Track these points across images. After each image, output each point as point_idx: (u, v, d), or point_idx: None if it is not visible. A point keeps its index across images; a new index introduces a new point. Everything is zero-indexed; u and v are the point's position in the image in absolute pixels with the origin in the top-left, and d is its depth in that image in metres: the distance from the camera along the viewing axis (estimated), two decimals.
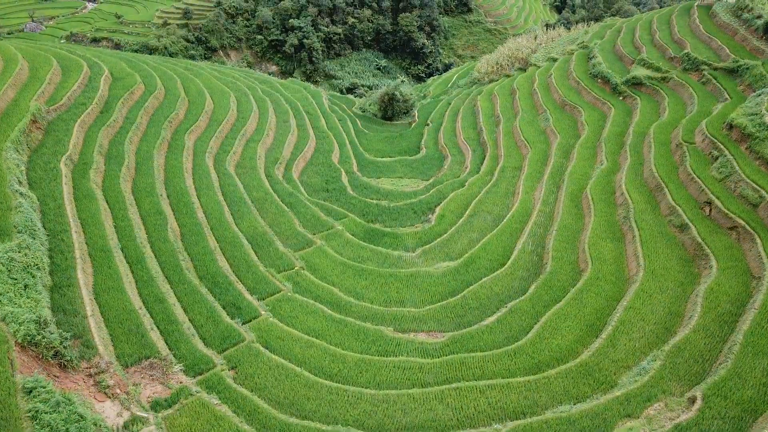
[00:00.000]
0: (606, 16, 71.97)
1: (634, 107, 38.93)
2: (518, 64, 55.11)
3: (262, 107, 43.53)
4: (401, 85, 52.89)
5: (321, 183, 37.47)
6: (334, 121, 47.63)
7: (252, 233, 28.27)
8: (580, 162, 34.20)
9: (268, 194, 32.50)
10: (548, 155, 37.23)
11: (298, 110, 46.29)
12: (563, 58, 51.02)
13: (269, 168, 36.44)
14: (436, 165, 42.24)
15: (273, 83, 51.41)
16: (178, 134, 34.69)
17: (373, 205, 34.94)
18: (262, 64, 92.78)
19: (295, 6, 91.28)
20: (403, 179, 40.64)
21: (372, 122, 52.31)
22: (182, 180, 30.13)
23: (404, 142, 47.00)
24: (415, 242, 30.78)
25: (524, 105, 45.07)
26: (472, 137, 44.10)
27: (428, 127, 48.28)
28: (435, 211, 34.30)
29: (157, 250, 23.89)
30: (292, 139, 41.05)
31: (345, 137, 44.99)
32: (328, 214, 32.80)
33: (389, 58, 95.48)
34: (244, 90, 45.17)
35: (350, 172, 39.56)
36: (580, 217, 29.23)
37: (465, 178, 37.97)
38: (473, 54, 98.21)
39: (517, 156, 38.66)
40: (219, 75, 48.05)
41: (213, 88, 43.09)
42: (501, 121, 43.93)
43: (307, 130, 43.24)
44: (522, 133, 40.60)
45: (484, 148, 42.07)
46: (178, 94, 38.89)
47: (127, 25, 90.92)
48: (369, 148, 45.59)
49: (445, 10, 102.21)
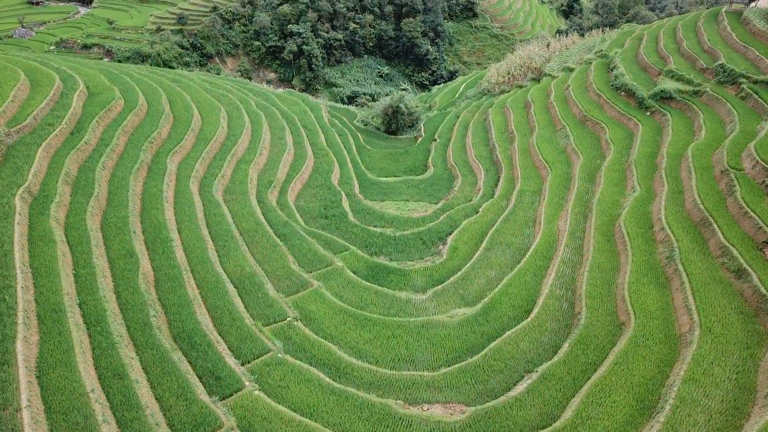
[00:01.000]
0: (621, 23, 68.42)
1: (665, 124, 35.29)
2: (531, 73, 51.54)
3: (255, 123, 39.96)
4: (406, 96, 49.31)
5: (319, 208, 33.87)
6: (333, 136, 44.05)
7: (239, 275, 24.66)
8: (608, 187, 30.56)
9: (259, 225, 28.90)
10: (571, 178, 33.60)
11: (295, 125, 42.73)
12: (580, 67, 47.44)
13: (262, 192, 32.85)
14: (445, 186, 38.63)
15: (268, 95, 47.87)
16: (160, 156, 31.11)
17: (376, 234, 31.34)
18: (259, 71, 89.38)
19: (294, 11, 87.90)
20: (409, 202, 37.03)
21: (375, 137, 48.73)
22: (161, 211, 26.52)
23: (410, 160, 43.41)
24: (425, 281, 27.16)
25: (540, 120, 41.47)
26: (484, 155, 40.49)
27: (435, 143, 44.70)
28: (446, 241, 30.71)
29: (124, 303, 20.25)
30: (287, 159, 37.46)
31: (346, 155, 41.41)
32: (326, 246, 29.21)
33: (392, 65, 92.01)
34: (236, 104, 41.61)
35: (351, 195, 35.97)
36: (614, 254, 25.56)
37: (478, 202, 34.36)
38: (479, 60, 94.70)
39: (535, 178, 35.03)
40: (210, 87, 44.52)
41: (202, 103, 39.52)
42: (516, 138, 40.32)
43: (305, 147, 39.66)
44: (540, 152, 37.00)
45: (497, 167, 38.47)
46: (162, 110, 35.31)
47: (120, 31, 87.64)
48: (372, 167, 42.01)
49: (450, 15, 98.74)
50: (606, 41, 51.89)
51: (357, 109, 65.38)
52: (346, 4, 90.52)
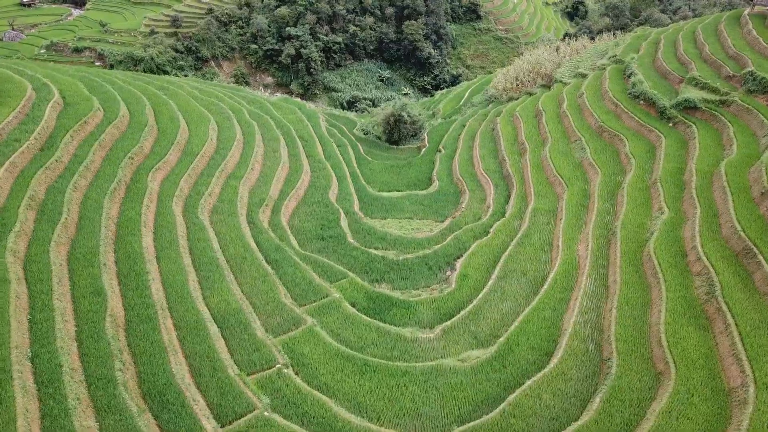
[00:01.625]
0: (633, 26, 65.77)
1: (690, 137, 32.55)
2: (541, 79, 48.84)
3: (247, 134, 37.24)
4: (408, 104, 46.63)
5: (315, 228, 31.15)
6: (332, 147, 41.34)
7: (223, 311, 21.94)
8: (632, 208, 27.81)
9: (248, 250, 26.18)
10: (589, 196, 30.87)
11: (291, 136, 40.01)
12: (594, 74, 44.72)
13: (252, 212, 30.13)
14: (451, 202, 35.90)
15: (263, 103, 45.17)
16: (141, 174, 28.39)
17: (377, 258, 28.62)
18: (257, 75, 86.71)
19: (293, 13, 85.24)
20: (413, 220, 34.31)
21: (376, 147, 46.03)
22: (138, 238, 23.79)
23: (413, 173, 40.68)
24: (432, 314, 24.44)
25: (553, 130, 38.73)
26: (493, 168, 37.75)
27: (440, 154, 41.97)
28: (455, 267, 28.01)
29: (86, 353, 17.52)
30: (282, 173, 34.75)
31: (345, 168, 38.69)
32: (322, 273, 26.50)
33: (393, 69, 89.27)
34: (227, 113, 38.89)
35: (351, 213, 33.26)
36: (644, 288, 22.80)
37: (488, 222, 31.63)
38: (483, 64, 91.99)
39: (550, 196, 32.29)
40: (200, 95, 41.81)
41: (190, 113, 36.81)
42: (527, 150, 37.59)
43: (301, 160, 36.94)
44: (554, 166, 34.25)
45: (508, 182, 35.74)
46: (145, 121, 32.60)
47: (112, 34, 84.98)
48: (372, 180, 39.28)
49: (453, 17, 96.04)
50: (619, 45, 49.16)
51: (356, 116, 62.74)
52: (346, 6, 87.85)
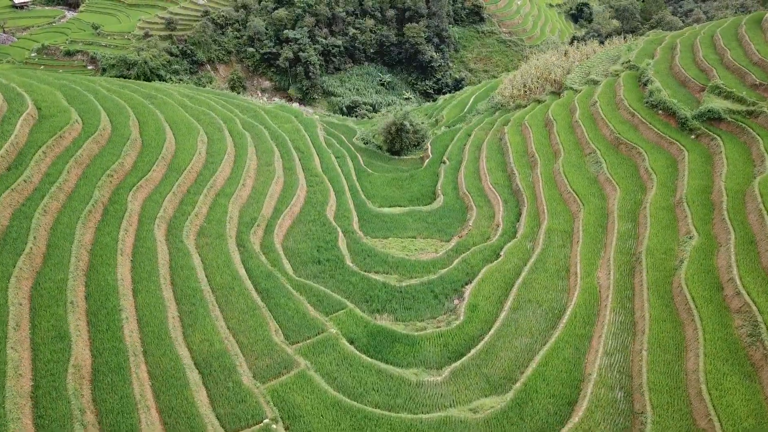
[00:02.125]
0: (643, 29, 63.40)
1: (716, 151, 30.17)
2: (550, 86, 46.48)
3: (239, 146, 34.88)
4: (411, 113, 44.29)
5: (311, 250, 28.80)
6: (330, 159, 38.97)
7: (206, 353, 19.60)
8: (657, 231, 25.42)
9: (236, 278, 23.83)
10: (608, 215, 28.50)
11: (286, 147, 37.63)
12: (607, 80, 42.34)
13: (243, 234, 27.77)
14: (457, 219, 33.52)
15: (257, 111, 42.81)
16: (120, 193, 26.03)
17: (378, 285, 26.30)
18: (254, 79, 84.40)
19: (291, 16, 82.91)
20: (416, 240, 31.93)
21: (376, 157, 43.64)
22: (113, 269, 21.43)
23: (416, 186, 38.30)
24: (440, 352, 22.10)
25: (565, 141, 36.35)
26: (502, 182, 35.37)
27: (445, 166, 39.57)
28: (463, 294, 25.66)
29: (42, 415, 15.16)
30: (276, 189, 32.37)
31: (343, 181, 36.31)
32: (318, 303, 24.18)
33: (394, 73, 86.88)
34: (218, 124, 36.52)
35: (349, 232, 30.91)
36: (677, 326, 20.42)
37: (498, 243, 29.25)
38: (486, 68, 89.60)
39: (564, 214, 29.92)
40: (190, 103, 39.44)
41: (178, 124, 34.44)
42: (538, 163, 35.22)
43: (296, 174, 34.56)
44: (568, 181, 31.89)
45: (518, 198, 33.36)
46: (127, 134, 30.25)
47: (105, 37, 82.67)
48: (373, 194, 36.91)
49: (455, 19, 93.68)
50: (632, 50, 46.78)
51: (355, 123, 60.38)
52: (346, 9, 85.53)
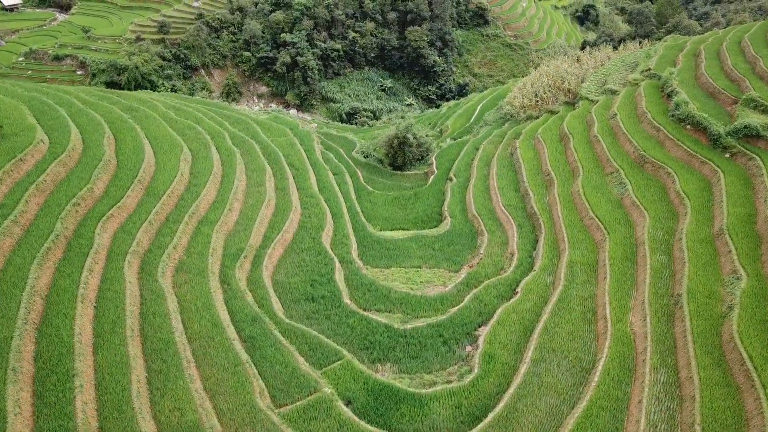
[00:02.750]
0: (659, 33, 60.37)
1: (755, 173, 27.06)
2: (564, 96, 43.41)
3: (227, 165, 31.83)
4: (414, 125, 41.28)
5: (304, 285, 25.78)
6: (327, 176, 35.93)
7: (175, 425, 16.50)
8: (697, 269, 22.32)
9: (217, 326, 20.79)
10: (636, 246, 25.41)
11: (279, 164, 34.57)
12: (626, 90, 39.26)
13: (227, 268, 24.74)
14: (466, 246, 30.49)
15: (249, 124, 39.73)
16: (87, 225, 22.97)
17: (380, 327, 23.33)
18: (250, 84, 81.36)
19: (288, 19, 79.88)
20: (422, 270, 28.87)
21: (377, 173, 40.58)
22: (70, 320, 18.38)
23: (420, 206, 35.26)
24: (452, 416, 19.10)
25: (584, 158, 33.28)
26: (515, 203, 32.31)
27: (451, 184, 36.52)
28: (477, 340, 22.64)
29: None
30: (266, 213, 29.33)
31: (341, 201, 33.30)
32: (310, 353, 21.21)
33: (395, 78, 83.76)
34: (204, 139, 33.44)
35: (348, 261, 27.93)
36: (733, 391, 17.33)
37: (514, 276, 26.23)
38: (491, 72, 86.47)
39: (587, 243, 26.84)
40: (175, 116, 36.37)
41: (159, 140, 31.39)
42: (554, 182, 32.16)
43: (290, 195, 31.52)
44: (589, 205, 28.82)
45: (534, 222, 30.31)
46: (101, 154, 27.19)
47: (95, 41, 79.61)
48: (374, 216, 33.89)
49: (459, 22, 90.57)
50: (652, 57, 43.69)
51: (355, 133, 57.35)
52: (345, 11, 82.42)
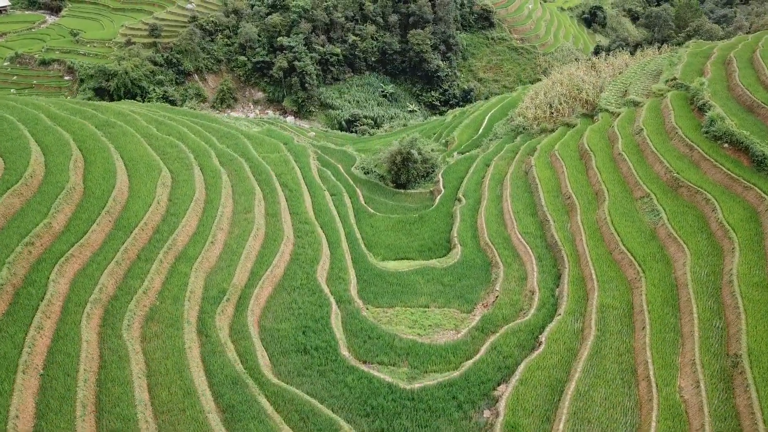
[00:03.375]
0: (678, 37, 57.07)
1: None
2: (581, 107, 40.08)
3: (212, 188, 28.53)
4: (419, 139, 37.97)
5: (295, 332, 22.52)
6: (323, 198, 32.61)
7: None
8: (755, 320, 19.01)
9: (189, 393, 17.52)
10: (677, 288, 22.08)
11: (271, 185, 31.25)
12: (650, 102, 35.93)
13: (206, 314, 21.44)
14: (480, 279, 27.18)
15: (238, 139, 36.39)
16: (41, 269, 19.67)
17: (383, 387, 20.12)
18: (245, 89, 78.14)
19: (285, 21, 76.64)
20: (430, 311, 25.54)
21: (379, 191, 37.24)
22: (6, 398, 15.05)
23: (426, 231, 31.94)
24: None
25: (609, 180, 29.95)
26: (533, 231, 28.98)
27: (461, 206, 33.19)
28: (497, 403, 19.33)
29: None
30: (254, 245, 26.01)
31: (339, 227, 30.02)
32: (301, 426, 17.98)
33: (397, 83, 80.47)
34: (187, 158, 30.11)
35: (346, 301, 24.66)
36: None
37: (536, 320, 22.94)
38: (496, 77, 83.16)
39: (619, 283, 23.51)
40: (157, 132, 33.03)
41: (136, 161, 28.07)
42: (576, 207, 28.84)
43: (281, 222, 28.19)
44: (619, 236, 25.50)
45: (555, 253, 26.99)
46: (64, 180, 23.88)
47: (84, 45, 76.42)
48: (375, 243, 30.62)
49: (463, 25, 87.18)
50: (676, 65, 40.36)
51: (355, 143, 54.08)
52: (345, 14, 79.13)
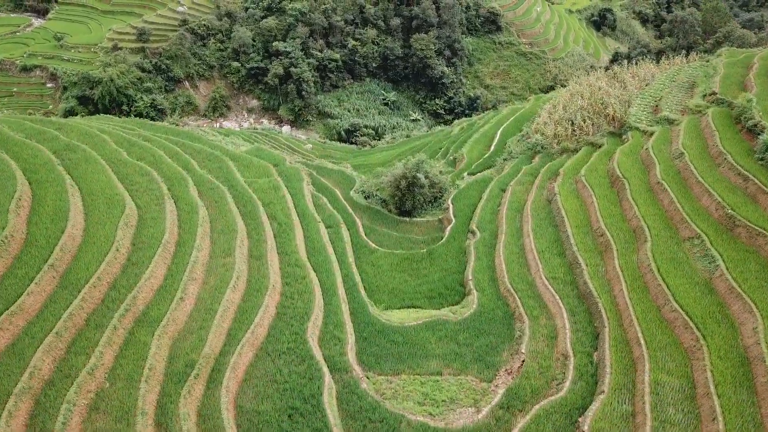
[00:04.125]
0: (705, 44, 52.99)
1: None
2: (606, 123, 35.91)
3: (186, 226, 24.37)
4: (425, 161, 33.83)
5: (279, 416, 18.43)
6: (318, 232, 28.47)
7: None
8: None
9: None
10: (750, 363, 17.88)
11: (257, 219, 27.09)
12: (688, 120, 31.78)
13: (168, 399, 17.27)
14: (502, 337, 23.01)
15: (222, 161, 32.20)
16: None
17: None
18: (239, 97, 74.08)
19: (281, 25, 72.59)
20: (443, 380, 21.38)
21: (381, 219, 33.06)
22: None
23: (436, 271, 27.80)
24: None
25: (648, 214, 25.78)
26: (561, 275, 24.82)
27: (475, 240, 29.03)
28: None
29: None
30: (233, 298, 21.85)
31: (336, 270, 25.92)
32: None
33: (399, 90, 76.36)
34: (158, 190, 25.91)
35: (342, 370, 20.61)
36: None
37: (573, 397, 18.81)
38: (504, 84, 78.96)
39: (674, 351, 19.34)
40: (126, 155, 28.83)
41: (95, 195, 23.91)
42: (612, 248, 24.68)
43: (267, 265, 24.05)
44: (668, 287, 21.30)
45: (590, 305, 22.83)
46: (1, 226, 19.67)
47: (68, 50, 72.36)
48: (377, 286, 26.52)
49: (469, 29, 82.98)
50: (712, 76, 36.20)
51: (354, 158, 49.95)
52: (344, 17, 74.98)
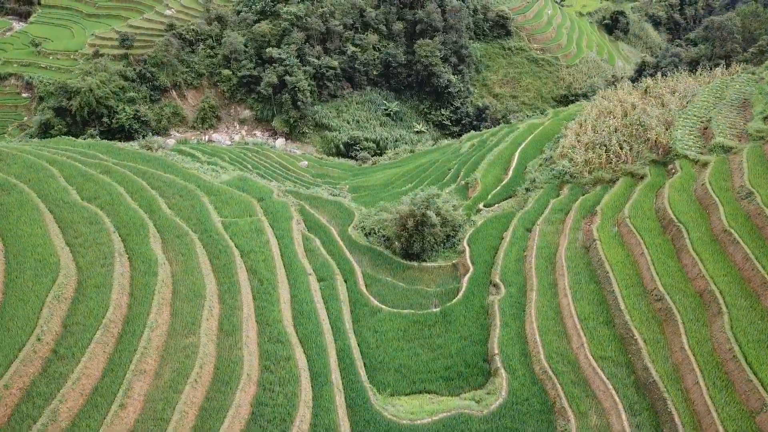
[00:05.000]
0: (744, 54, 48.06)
1: None
2: (647, 149, 30.83)
3: (139, 292, 19.28)
4: (437, 194, 28.80)
5: None
6: (308, 289, 23.36)
7: None
8: None
9: None
10: None
11: (232, 276, 21.95)
12: (749, 148, 26.77)
13: None
14: None
15: (196, 196, 27.09)
16: None
17: None
18: (230, 107, 69.12)
19: (276, 30, 67.63)
20: None
21: (384, 265, 27.89)
22: None
23: (453, 339, 22.77)
24: None
25: (717, 274, 20.73)
26: (612, 354, 19.83)
27: (499, 297, 23.98)
28: None
29: None
30: (194, 396, 16.79)
31: (329, 344, 20.80)
32: None
33: (402, 100, 71.27)
34: (109, 243, 20.77)
35: None
36: None
37: None
38: (514, 92, 73.87)
39: None
40: (75, 194, 23.75)
41: (23, 255, 18.81)
42: (677, 319, 19.67)
43: (242, 342, 18.98)
44: (760, 382, 16.25)
45: (653, 400, 17.86)
46: None
47: (47, 56, 67.38)
48: (380, 364, 21.55)
49: (476, 33, 77.89)
50: None
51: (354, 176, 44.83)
52: (343, 21, 69.93)
